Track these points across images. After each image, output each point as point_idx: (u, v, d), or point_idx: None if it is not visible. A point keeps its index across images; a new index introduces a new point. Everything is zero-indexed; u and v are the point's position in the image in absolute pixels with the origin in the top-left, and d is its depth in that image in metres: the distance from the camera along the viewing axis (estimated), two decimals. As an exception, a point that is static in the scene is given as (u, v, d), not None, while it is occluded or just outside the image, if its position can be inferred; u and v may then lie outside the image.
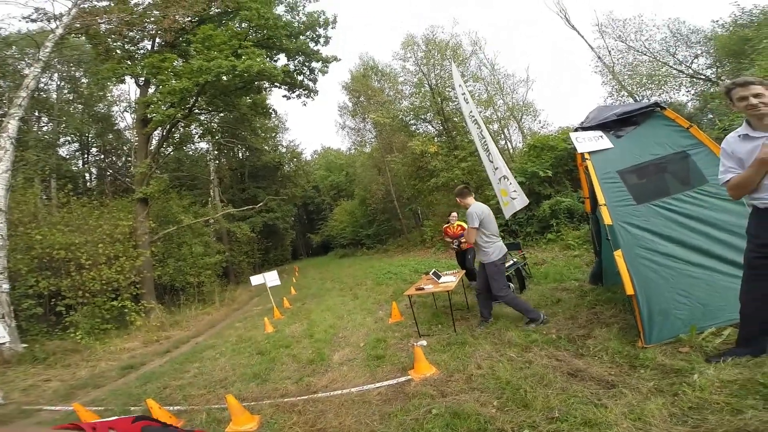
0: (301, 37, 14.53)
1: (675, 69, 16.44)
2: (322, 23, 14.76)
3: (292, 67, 15.15)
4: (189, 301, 12.88)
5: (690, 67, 16.17)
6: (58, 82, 18.73)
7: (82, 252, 9.65)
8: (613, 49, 18.36)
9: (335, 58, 15.53)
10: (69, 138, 20.02)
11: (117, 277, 9.93)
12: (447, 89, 17.74)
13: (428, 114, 18.96)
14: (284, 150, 31.97)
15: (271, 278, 9.64)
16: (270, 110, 19.36)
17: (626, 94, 17.42)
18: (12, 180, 9.31)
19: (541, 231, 10.81)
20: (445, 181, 16.48)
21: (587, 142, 4.00)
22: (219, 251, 17.01)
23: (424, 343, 4.55)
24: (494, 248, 4.44)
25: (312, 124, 66.04)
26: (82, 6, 10.82)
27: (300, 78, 15.60)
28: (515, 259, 6.43)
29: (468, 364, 3.64)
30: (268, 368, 4.96)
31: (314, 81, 16.04)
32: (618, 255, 3.32)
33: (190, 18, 12.42)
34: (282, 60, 15.18)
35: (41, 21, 11.62)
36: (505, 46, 36.65)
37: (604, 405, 2.45)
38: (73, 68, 18.41)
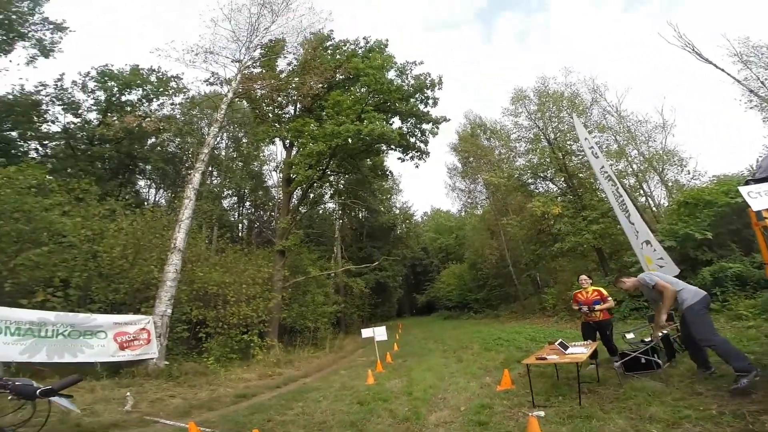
0: (411, 99, 15.77)
1: None
2: (428, 85, 15.81)
3: (405, 129, 16.32)
4: (304, 344, 13.79)
5: None
6: (227, 141, 23.50)
7: (230, 290, 11.38)
8: (766, 78, 14.93)
9: (444, 119, 16.30)
10: (230, 191, 24.84)
11: (252, 314, 11.30)
12: (568, 142, 16.21)
13: (548, 171, 17.26)
14: (398, 212, 33.86)
15: (379, 333, 9.92)
16: (387, 171, 20.87)
17: None
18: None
19: (700, 301, 8.71)
20: (573, 246, 14.80)
21: (765, 197, 3.30)
22: (336, 302, 18.26)
23: (542, 413, 3.91)
24: (686, 292, 4.07)
25: (423, 186, 69.25)
26: (244, 72, 13.56)
27: (413, 140, 16.64)
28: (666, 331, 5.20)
29: None
30: (365, 419, 4.90)
31: (425, 143, 16.82)
32: None
33: (322, 84, 14.80)
34: (396, 123, 16.52)
35: (216, 84, 15.18)
36: (633, 94, 32.61)
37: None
38: (236, 129, 22.92)
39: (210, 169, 21.05)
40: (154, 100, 18.99)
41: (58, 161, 16.21)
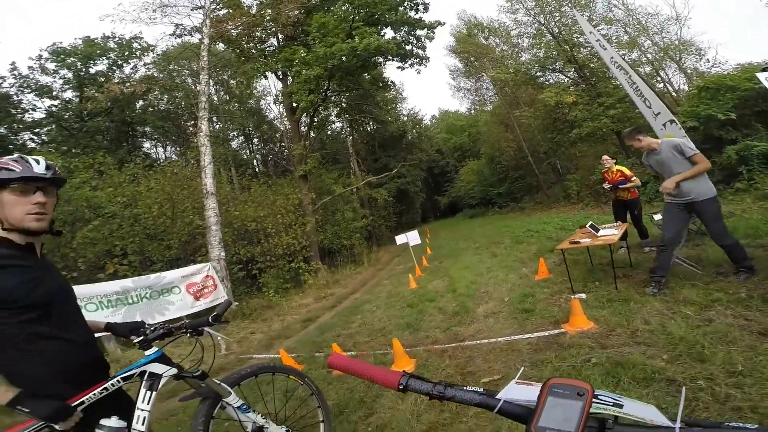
0: (399, 8, 14.76)
1: None
2: None
3: (399, 38, 15.53)
4: (344, 262, 14.80)
5: None
6: (215, 86, 22.75)
7: (267, 223, 11.93)
8: None
9: (439, 23, 15.48)
10: (235, 132, 24.80)
11: (293, 242, 11.99)
12: (575, 35, 15.43)
13: (557, 63, 16.79)
14: (405, 118, 32.73)
15: (413, 237, 10.31)
16: (388, 82, 20.44)
17: None
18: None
19: (725, 180, 8.80)
20: (591, 131, 14.50)
21: None
22: (364, 216, 18.96)
23: (584, 296, 4.28)
24: (709, 181, 3.56)
25: (428, 90, 65.19)
26: (211, 16, 12.54)
27: (409, 48, 15.95)
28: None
29: (633, 320, 3.37)
30: (418, 319, 5.41)
31: (423, 48, 16.25)
32: None
33: (299, 10, 13.73)
34: (389, 33, 15.66)
35: (185, 35, 14.31)
36: None
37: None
38: (221, 72, 21.91)
39: (209, 114, 21.17)
40: (124, 64, 18.31)
41: (57, 144, 16.21)
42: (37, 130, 16.88)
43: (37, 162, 1.47)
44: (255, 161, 26.65)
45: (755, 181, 8.09)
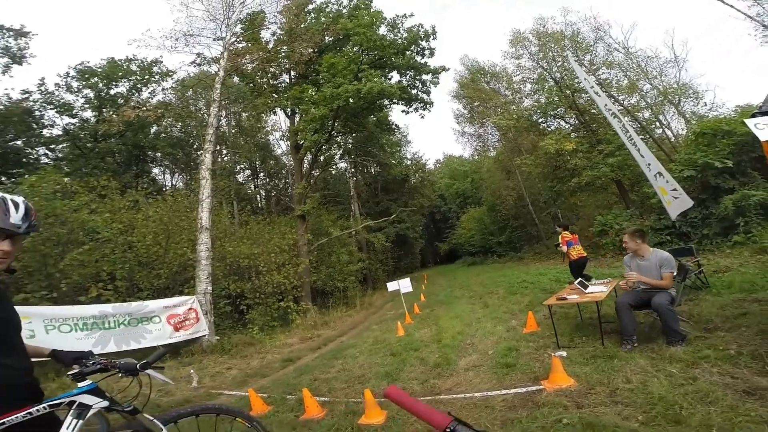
0: (407, 52, 15.44)
1: None
2: (422, 36, 15.40)
3: (404, 82, 16.12)
4: (336, 304, 14.51)
5: None
6: (226, 119, 23.32)
7: (260, 260, 11.91)
8: None
9: (443, 68, 16.08)
10: (242, 165, 25.22)
11: (284, 281, 11.91)
12: (576, 81, 15.64)
13: (558, 109, 17.01)
14: (409, 162, 33.53)
15: (404, 285, 10.18)
16: (393, 125, 20.93)
17: None
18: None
19: (723, 233, 8.64)
20: (591, 180, 14.59)
21: None
22: (360, 259, 18.82)
23: (564, 353, 4.17)
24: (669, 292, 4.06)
25: (432, 135, 67.56)
26: (230, 48, 13.21)
27: (414, 92, 16.47)
28: (688, 266, 5.29)
29: (614, 378, 3.23)
30: (399, 368, 5.27)
31: (428, 93, 16.73)
32: None
33: (312, 49, 14.47)
34: (395, 77, 16.36)
35: (204, 65, 15.02)
36: (639, 30, 30.70)
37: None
38: (232, 106, 22.69)
39: (219, 147, 21.37)
40: (143, 88, 18.94)
41: (69, 163, 16.64)
42: (52, 146, 17.34)
43: (16, 208, 1.51)
44: (259, 196, 26.98)
45: (753, 234, 7.95)
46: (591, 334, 4.63)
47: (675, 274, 4.63)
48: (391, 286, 10.42)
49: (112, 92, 18.36)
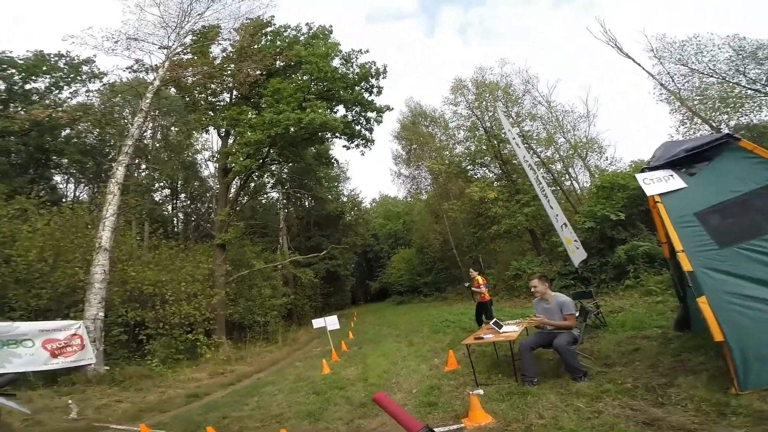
0: (356, 87, 15.52)
1: (750, 89, 14.63)
2: (374, 74, 15.61)
3: (350, 117, 16.13)
4: (255, 339, 13.57)
5: (767, 86, 14.49)
6: (152, 131, 21.19)
7: (167, 289, 10.77)
8: (675, 74, 16.64)
9: (388, 108, 16.31)
10: (161, 184, 22.79)
11: (194, 312, 10.85)
12: (503, 131, 16.81)
13: (486, 158, 18.40)
14: (345, 199, 33.62)
15: (331, 322, 10.02)
16: (332, 159, 20.58)
17: (699, 121, 15.73)
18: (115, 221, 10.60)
19: (617, 277, 9.94)
20: (508, 228, 15.91)
21: (656, 184, 3.75)
22: (285, 294, 17.92)
23: (481, 392, 4.31)
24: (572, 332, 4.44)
25: (371, 173, 69.50)
26: (173, 59, 12.72)
27: (358, 128, 16.43)
28: (588, 307, 5.95)
29: (528, 413, 3.39)
30: (322, 408, 5.03)
31: (370, 131, 16.66)
32: (702, 302, 3.07)
33: (260, 71, 14.17)
34: (341, 111, 16.31)
35: (140, 72, 14.04)
36: (561, 84, 35.73)
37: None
38: (162, 118, 20.82)
39: (137, 160, 19.36)
40: (65, 87, 16.84)
41: None
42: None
43: None
44: (176, 219, 24.58)
45: (641, 279, 9.11)
46: (506, 372, 4.88)
47: (578, 314, 5.16)
48: (317, 323, 10.24)
49: (27, 87, 16.08)
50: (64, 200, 17.24)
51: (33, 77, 16.08)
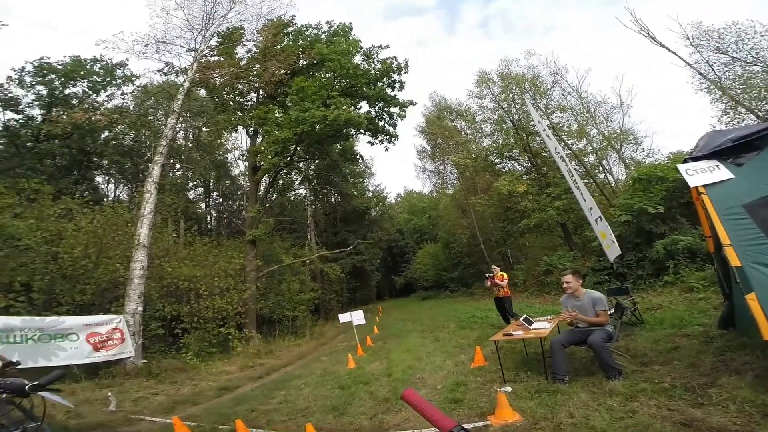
0: (378, 83, 15.56)
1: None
2: (395, 69, 15.64)
3: (373, 113, 16.18)
4: (283, 333, 13.86)
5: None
6: (184, 132, 22.26)
7: (202, 284, 11.18)
8: (714, 63, 15.43)
9: (411, 102, 16.27)
10: (195, 182, 23.80)
11: (227, 307, 11.19)
12: (531, 124, 16.44)
13: (514, 151, 17.91)
14: (371, 195, 33.79)
15: (357, 317, 10.13)
16: (357, 156, 20.83)
17: (744, 110, 14.50)
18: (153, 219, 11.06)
19: (655, 273, 9.40)
20: (538, 222, 15.43)
21: (701, 175, 3.46)
22: (312, 289, 18.25)
23: (509, 389, 4.19)
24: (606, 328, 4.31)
25: (395, 168, 69.55)
26: (200, 60, 13.11)
27: (381, 124, 16.48)
28: (624, 304, 5.67)
29: (558, 412, 3.26)
30: (347, 402, 5.06)
31: (394, 126, 16.73)
32: (751, 298, 2.81)
33: (285, 71, 14.41)
34: (364, 107, 16.38)
35: (171, 74, 14.55)
36: (592, 75, 34.23)
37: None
38: (193, 119, 21.72)
39: (172, 160, 20.19)
40: (102, 90, 17.74)
41: (1, 161, 15.01)
42: (-13, 140, 15.49)
43: None
44: (209, 216, 25.56)
45: (681, 275, 8.63)
46: (535, 369, 4.71)
47: (613, 311, 4.91)
48: (343, 317, 10.40)
49: (66, 91, 17.06)
50: (105, 200, 18.35)
51: (72, 82, 17.01)
